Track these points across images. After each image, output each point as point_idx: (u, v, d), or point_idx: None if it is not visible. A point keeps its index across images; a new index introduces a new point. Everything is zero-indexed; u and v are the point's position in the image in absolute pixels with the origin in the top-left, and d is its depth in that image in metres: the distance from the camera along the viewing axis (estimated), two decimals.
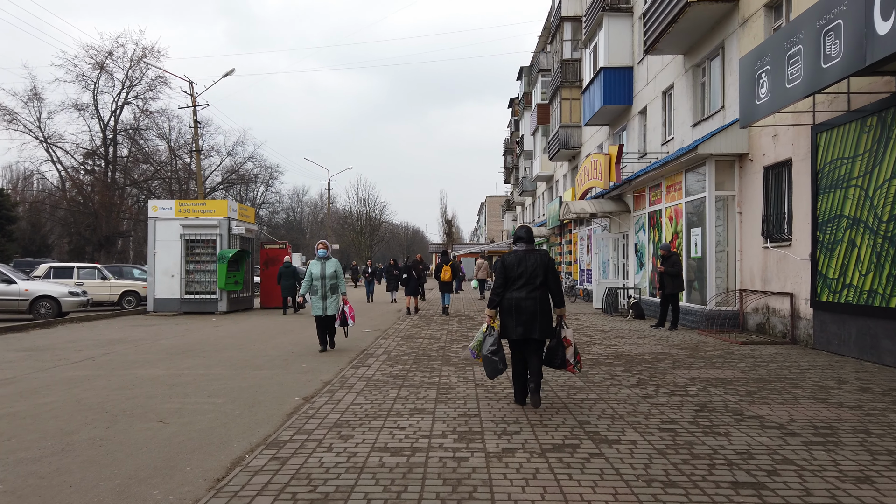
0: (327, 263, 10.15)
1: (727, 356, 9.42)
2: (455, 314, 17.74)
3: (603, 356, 9.42)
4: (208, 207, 19.58)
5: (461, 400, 6.43)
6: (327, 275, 10.09)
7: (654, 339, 11.49)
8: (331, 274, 10.12)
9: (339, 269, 10.24)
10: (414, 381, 7.45)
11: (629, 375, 7.79)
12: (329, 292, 10.10)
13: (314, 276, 10.09)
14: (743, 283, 12.76)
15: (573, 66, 28.14)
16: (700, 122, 14.86)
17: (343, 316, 10.18)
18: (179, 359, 9.78)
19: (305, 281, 10.25)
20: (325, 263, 10.13)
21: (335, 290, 10.17)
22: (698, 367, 8.46)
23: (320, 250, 10.24)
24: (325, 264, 10.13)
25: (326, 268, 10.12)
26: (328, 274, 10.10)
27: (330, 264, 10.17)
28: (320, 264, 10.14)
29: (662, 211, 15.89)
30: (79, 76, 41.42)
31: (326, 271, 10.09)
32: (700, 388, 6.96)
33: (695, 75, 15.40)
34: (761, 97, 9.79)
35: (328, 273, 10.10)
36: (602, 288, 19.12)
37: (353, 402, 6.39)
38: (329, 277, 10.10)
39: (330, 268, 10.14)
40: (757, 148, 12.22)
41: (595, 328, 13.58)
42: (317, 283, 10.09)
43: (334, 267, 10.19)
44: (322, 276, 10.07)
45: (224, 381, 7.83)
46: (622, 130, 21.78)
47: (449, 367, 8.46)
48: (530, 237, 6.26)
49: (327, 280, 10.09)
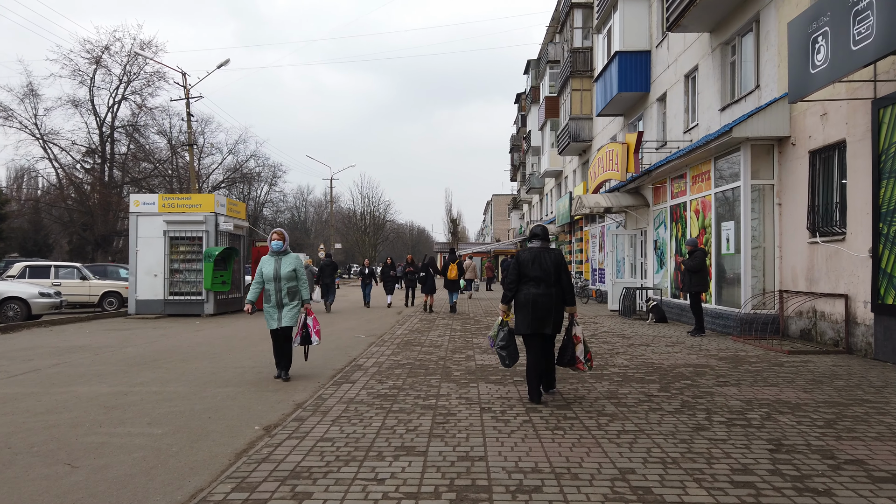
0: (284, 260, 7.66)
1: (777, 369, 7.99)
2: (459, 316, 16.36)
3: (631, 369, 8.00)
4: (194, 202, 18.25)
5: (463, 432, 5.03)
6: (283, 275, 7.58)
7: (685, 348, 10.07)
8: (288, 274, 7.60)
9: (301, 268, 7.78)
10: (405, 404, 6.06)
11: (668, 396, 6.37)
12: (286, 298, 7.62)
13: (265, 276, 7.60)
14: (783, 283, 11.30)
15: (584, 54, 26.71)
16: (730, 106, 13.41)
17: (304, 331, 7.65)
18: (136, 371, 8.42)
19: (255, 283, 7.73)
20: (281, 260, 7.66)
21: (294, 296, 7.67)
22: (748, 383, 7.04)
23: (274, 242, 7.71)
24: (281, 261, 7.65)
25: (282, 265, 7.63)
26: (284, 273, 7.59)
27: (287, 261, 7.68)
28: (274, 261, 7.66)
29: (687, 204, 14.44)
30: (74, 71, 40.28)
31: (282, 270, 7.60)
32: (763, 416, 5.54)
33: (723, 54, 13.94)
34: (817, 64, 8.34)
35: (284, 272, 7.60)
36: (618, 289, 17.68)
37: (325, 435, 5.00)
38: (286, 278, 7.58)
39: (287, 265, 7.64)
40: (801, 130, 10.76)
41: (615, 333, 12.15)
42: (269, 285, 7.58)
43: (293, 264, 7.67)
44: (276, 277, 7.57)
45: (176, 402, 6.46)
46: (638, 120, 20.32)
47: (449, 384, 7.07)
48: (545, 235, 6.38)
49: (283, 282, 7.58)
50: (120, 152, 45.50)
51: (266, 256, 7.79)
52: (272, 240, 7.75)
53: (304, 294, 7.76)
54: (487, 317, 16.37)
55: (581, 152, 28.19)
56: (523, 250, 6.33)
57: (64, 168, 42.95)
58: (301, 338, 7.70)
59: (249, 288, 7.88)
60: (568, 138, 26.98)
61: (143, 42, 41.08)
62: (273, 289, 7.59)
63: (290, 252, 7.82)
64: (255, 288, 7.72)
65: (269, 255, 7.78)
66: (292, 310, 7.66)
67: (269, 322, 7.65)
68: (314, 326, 7.76)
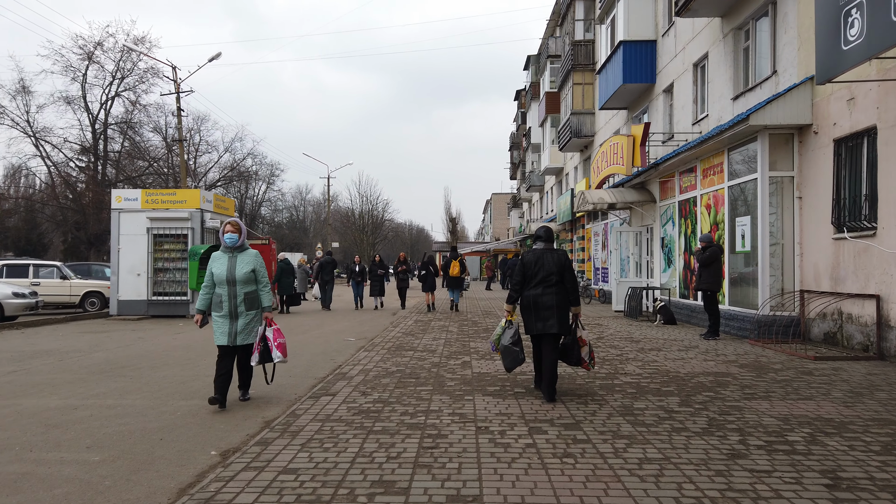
0: (240, 258, 6.04)
1: (806, 378, 7.19)
2: (456, 317, 15.55)
3: (644, 378, 7.20)
4: (179, 198, 17.42)
5: (454, 461, 4.23)
6: (239, 277, 5.95)
7: (700, 353, 9.26)
8: (245, 275, 5.97)
9: (262, 268, 6.15)
10: (390, 423, 5.25)
11: (691, 412, 5.57)
12: (242, 307, 5.99)
13: (216, 277, 6.00)
14: (804, 282, 10.50)
15: (586, 47, 25.93)
16: (743, 94, 12.59)
17: (264, 347, 6.10)
18: (97, 381, 7.61)
19: (203, 286, 6.11)
20: (237, 258, 6.04)
21: (253, 305, 6.06)
22: (779, 396, 6.23)
23: (227, 235, 6.02)
24: (237, 259, 6.03)
25: (238, 265, 5.99)
26: (240, 275, 5.95)
27: (245, 260, 6.05)
28: (227, 259, 6.03)
29: (698, 198, 13.63)
30: (66, 67, 39.41)
31: (237, 270, 5.96)
32: (807, 438, 4.74)
33: (735, 40, 13.13)
34: (850, 40, 7.52)
35: (240, 274, 5.96)
36: (623, 288, 16.86)
37: (289, 464, 4.19)
38: (242, 281, 5.97)
39: (244, 265, 6.01)
40: (824, 117, 9.96)
41: (622, 336, 11.34)
42: (221, 290, 5.99)
43: (252, 264, 6.04)
44: (229, 280, 5.94)
45: (129, 419, 5.65)
46: (642, 113, 19.51)
47: (442, 397, 6.25)
48: (550, 237, 6.50)
49: (239, 286, 5.97)
50: (113, 150, 44.67)
51: (217, 253, 6.16)
52: (224, 232, 6.07)
53: (265, 300, 6.16)
54: (486, 318, 15.57)
55: (583, 148, 27.38)
56: (528, 251, 6.44)
57: (56, 166, 42.14)
58: (260, 355, 6.09)
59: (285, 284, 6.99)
60: (569, 134, 26.17)
61: (136, 38, 40.27)
62: (226, 294, 5.97)
63: (248, 248, 6.19)
64: (205, 293, 6.09)
65: (222, 251, 6.13)
66: (250, 322, 6.06)
67: (219, 336, 5.98)
68: (275, 340, 6.08)
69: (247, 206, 64.67)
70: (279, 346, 6.12)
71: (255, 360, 6.14)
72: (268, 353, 6.13)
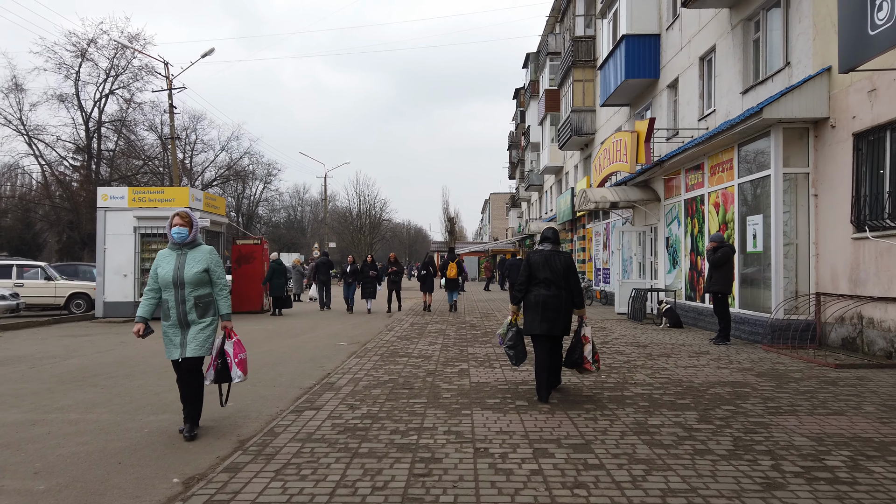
0: (190, 255, 5.10)
1: (831, 388, 6.65)
2: (454, 319, 15.00)
3: (656, 389, 6.65)
4: (167, 196, 16.85)
5: (449, 493, 3.68)
6: (188, 278, 5.00)
7: (712, 359, 8.72)
8: (195, 276, 5.02)
9: (218, 268, 5.20)
10: (378, 443, 4.70)
11: (713, 430, 5.02)
12: (193, 313, 5.03)
13: (161, 279, 5.05)
14: (820, 284, 9.97)
15: (587, 43, 25.41)
16: (753, 87, 12.05)
17: (221, 363, 5.19)
18: (65, 391, 7.05)
19: (147, 289, 5.18)
20: (186, 255, 5.10)
21: (206, 311, 5.10)
22: (806, 410, 5.69)
23: (176, 228, 5.09)
24: (186, 257, 5.08)
25: (188, 264, 5.05)
26: (190, 276, 5.01)
27: (196, 257, 5.10)
28: (175, 257, 5.09)
29: (705, 196, 13.09)
30: (59, 65, 38.80)
31: (186, 270, 5.02)
32: (847, 462, 4.20)
33: (745, 31, 12.60)
34: (878, 24, 6.98)
35: (190, 274, 5.01)
36: (626, 290, 16.32)
37: (259, 497, 3.64)
38: (192, 283, 5.02)
39: (195, 264, 5.06)
40: (842, 109, 9.43)
41: (627, 341, 10.80)
42: (167, 294, 5.05)
43: (205, 262, 5.11)
44: (176, 282, 5.00)
45: (89, 437, 5.09)
46: (645, 110, 18.97)
47: (436, 411, 5.70)
48: (556, 238, 6.48)
49: (188, 288, 5.02)
50: (108, 148, 44.06)
51: (164, 251, 5.20)
52: (172, 225, 5.10)
53: (223, 306, 5.16)
54: (485, 321, 15.02)
55: (583, 146, 26.85)
56: (533, 252, 6.40)
57: (50, 165, 41.54)
58: (216, 373, 5.19)
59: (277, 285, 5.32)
60: (569, 132, 25.64)
61: (130, 35, 39.66)
62: (173, 299, 5.01)
63: (202, 244, 5.25)
64: (148, 298, 5.12)
65: (169, 247, 5.18)
66: (203, 331, 5.05)
67: (169, 349, 5.08)
68: (236, 355, 5.16)
69: (244, 206, 64.12)
70: (240, 363, 5.19)
71: (210, 379, 5.21)
72: (226, 370, 5.18)
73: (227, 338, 5.22)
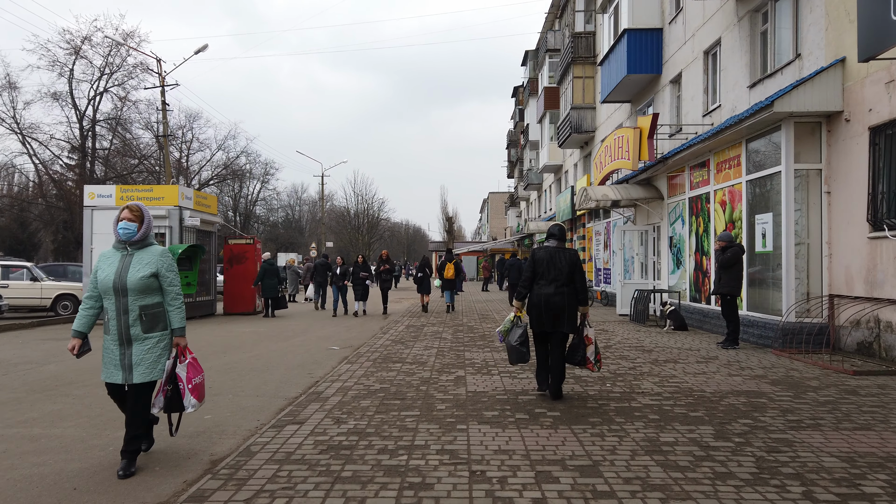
0: (137, 257, 4.30)
1: (852, 398, 6.21)
2: (451, 321, 14.54)
3: (666, 399, 6.20)
4: (156, 194, 16.40)
5: None
6: (131, 284, 4.20)
7: (722, 365, 8.28)
8: (140, 282, 4.22)
9: (170, 273, 4.39)
10: (363, 466, 4.25)
11: (732, 449, 4.57)
12: (136, 327, 4.23)
13: (100, 284, 4.25)
14: (833, 286, 9.53)
15: (587, 39, 24.98)
16: (761, 81, 11.62)
17: (172, 389, 4.35)
18: (33, 402, 6.59)
19: (85, 297, 4.39)
20: (133, 257, 4.29)
21: (154, 324, 4.29)
22: (830, 424, 5.25)
23: (123, 224, 4.29)
24: (132, 259, 4.28)
25: (133, 267, 4.25)
26: (134, 281, 4.20)
27: (143, 259, 4.30)
28: (119, 258, 4.29)
29: (711, 194, 12.65)
30: (53, 62, 38.27)
31: (130, 275, 4.21)
32: (886, 488, 3.75)
33: (752, 23, 12.16)
34: None
35: (134, 280, 4.21)
36: (628, 290, 15.87)
37: None
38: (137, 290, 4.22)
39: (142, 266, 4.27)
40: (857, 102, 8.98)
41: (631, 345, 10.36)
42: (108, 302, 4.26)
43: (154, 265, 4.31)
44: (118, 288, 4.20)
45: (47, 457, 4.64)
46: (647, 106, 18.53)
47: (430, 426, 5.25)
48: (562, 235, 6.39)
49: (131, 297, 4.21)
50: (103, 147, 43.55)
51: (107, 251, 4.38)
52: (119, 220, 4.29)
53: (175, 319, 4.35)
54: (483, 322, 14.57)
55: (583, 144, 26.41)
56: (539, 248, 6.37)
57: (44, 164, 41.03)
58: (165, 400, 4.33)
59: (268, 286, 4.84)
60: (569, 129, 25.19)
61: (125, 32, 39.17)
62: (113, 309, 4.20)
63: (154, 244, 4.42)
64: (86, 308, 4.33)
65: (114, 247, 4.37)
66: (151, 350, 4.25)
67: (108, 371, 4.24)
68: (189, 380, 4.32)
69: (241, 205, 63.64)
70: (194, 390, 4.35)
71: (158, 407, 4.35)
72: (178, 397, 4.33)
73: (181, 358, 4.38)
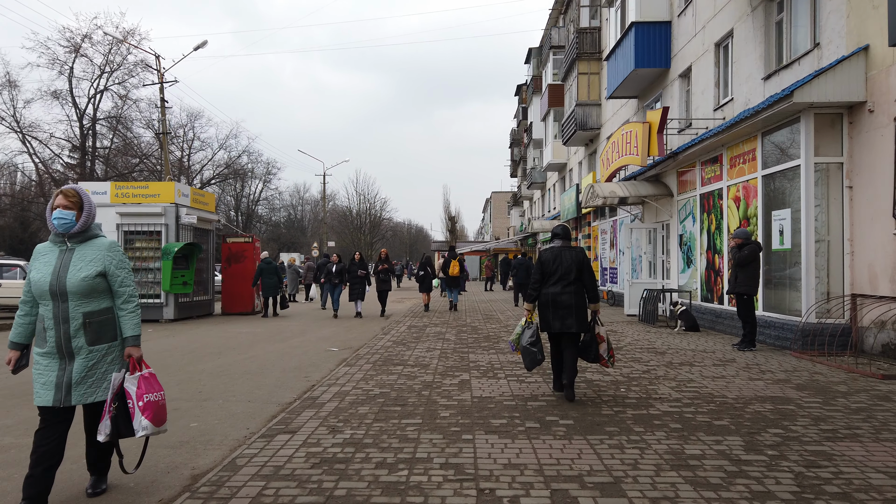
0: (78, 252, 3.59)
1: (887, 405, 5.78)
2: (454, 321, 14.13)
3: (686, 406, 5.77)
4: (152, 191, 16.00)
5: None
6: (71, 286, 3.49)
7: (741, 368, 7.84)
8: (82, 284, 3.51)
9: (121, 270, 3.65)
10: (359, 483, 3.83)
11: (766, 463, 4.15)
12: (78, 338, 3.51)
13: (35, 288, 3.52)
14: (855, 285, 9.09)
15: (591, 35, 24.56)
16: (777, 72, 11.17)
17: (120, 409, 3.53)
18: (10, 407, 6.19)
19: (21, 302, 3.64)
20: (73, 253, 3.58)
21: (101, 334, 3.57)
22: (868, 434, 4.82)
23: (58, 213, 3.54)
24: (72, 255, 3.57)
25: (73, 265, 3.53)
26: (74, 284, 3.49)
27: (86, 255, 3.58)
28: (56, 255, 3.58)
29: (724, 190, 12.21)
30: (53, 60, 37.97)
31: (70, 275, 3.50)
32: None
33: (766, 13, 11.72)
34: None
35: (74, 281, 3.50)
36: (636, 290, 15.44)
37: None
38: (77, 294, 3.51)
39: (84, 266, 3.55)
40: (882, 93, 8.55)
41: (643, 346, 9.93)
42: (44, 308, 3.52)
43: (99, 263, 3.58)
44: (54, 291, 3.48)
45: (12, 470, 4.23)
46: (654, 102, 18.08)
47: (432, 436, 4.83)
48: (567, 235, 6.43)
49: (72, 302, 3.50)
50: (103, 145, 43.25)
51: (43, 245, 3.67)
52: (54, 207, 3.55)
53: (128, 327, 3.61)
54: (487, 323, 14.14)
55: (588, 142, 25.97)
56: (546, 249, 6.36)
57: (44, 162, 40.76)
58: (112, 424, 3.49)
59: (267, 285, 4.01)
60: (574, 126, 24.75)
61: (125, 30, 38.83)
62: (50, 315, 3.49)
63: (100, 236, 3.70)
64: (22, 315, 3.62)
65: (51, 241, 3.64)
66: (97, 365, 3.53)
67: (40, 392, 3.47)
68: (141, 396, 3.51)
69: (243, 205, 63.31)
70: (146, 408, 3.50)
71: (104, 433, 3.49)
72: (127, 419, 3.52)
73: (132, 370, 3.58)
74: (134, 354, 3.64)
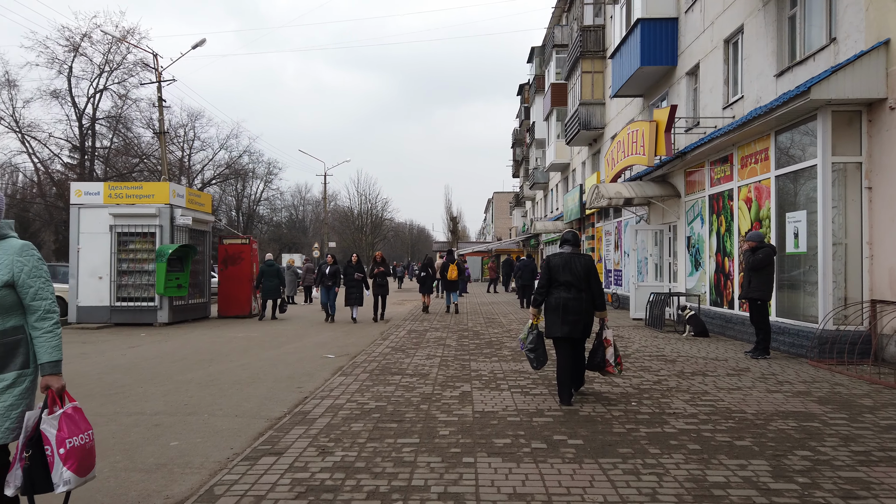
0: None
1: None
2: (455, 326, 13.73)
3: (704, 423, 5.38)
4: (146, 192, 15.64)
5: None
6: None
7: (757, 378, 7.45)
8: None
9: (34, 279, 2.92)
10: None
11: (798, 493, 3.75)
12: None
13: None
14: (875, 290, 8.69)
15: (595, 33, 24.18)
16: (790, 69, 10.77)
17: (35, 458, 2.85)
18: None
19: None
20: None
21: (8, 359, 2.87)
22: None
23: None
24: None
25: None
26: None
27: None
28: None
29: (734, 191, 11.81)
30: (52, 59, 37.65)
31: None
32: None
33: (779, 7, 11.31)
34: None
35: None
36: (642, 293, 15.05)
37: None
38: None
39: None
40: None
41: (651, 353, 9.53)
42: None
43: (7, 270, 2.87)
44: None
45: None
46: (661, 100, 17.69)
47: (430, 459, 4.45)
48: (576, 241, 6.46)
49: None
50: (103, 145, 42.94)
51: None
52: None
53: (44, 350, 2.92)
54: (489, 327, 13.75)
55: (591, 142, 25.58)
56: (554, 255, 6.38)
57: (43, 162, 40.46)
58: (24, 475, 2.83)
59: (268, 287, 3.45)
60: (577, 125, 24.36)
61: (125, 30, 38.49)
62: None
63: (9, 235, 3.01)
64: None
65: None
66: (11, 397, 2.88)
67: None
68: (61, 441, 2.86)
69: (244, 205, 62.98)
70: (69, 455, 2.86)
71: (12, 487, 2.84)
72: (44, 470, 2.86)
73: (51, 407, 2.91)
74: (53, 385, 2.92)
